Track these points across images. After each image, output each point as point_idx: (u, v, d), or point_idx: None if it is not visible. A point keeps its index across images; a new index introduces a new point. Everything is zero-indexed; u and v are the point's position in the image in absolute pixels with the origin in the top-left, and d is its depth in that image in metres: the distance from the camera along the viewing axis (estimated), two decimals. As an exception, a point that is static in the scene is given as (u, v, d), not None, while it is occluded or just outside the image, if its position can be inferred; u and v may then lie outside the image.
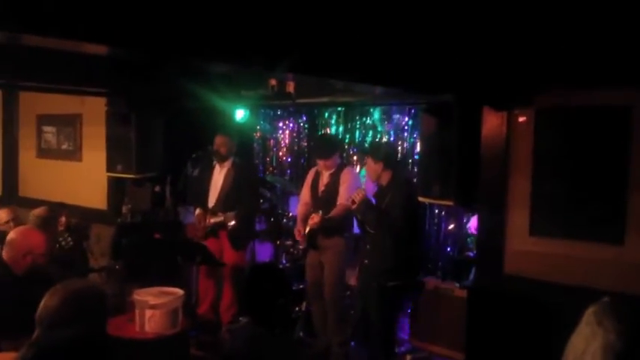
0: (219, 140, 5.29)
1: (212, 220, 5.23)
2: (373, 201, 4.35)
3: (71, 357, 1.57)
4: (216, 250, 5.19)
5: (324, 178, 4.95)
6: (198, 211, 5.38)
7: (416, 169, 5.69)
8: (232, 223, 5.08)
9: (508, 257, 3.79)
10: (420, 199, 4.15)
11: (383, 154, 4.37)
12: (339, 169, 4.90)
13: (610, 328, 1.59)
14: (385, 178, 4.33)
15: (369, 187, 4.67)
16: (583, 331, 1.65)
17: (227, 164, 5.33)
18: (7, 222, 5.43)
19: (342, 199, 4.72)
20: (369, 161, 4.40)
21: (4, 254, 3.31)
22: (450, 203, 4.15)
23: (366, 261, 4.37)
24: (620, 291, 3.19)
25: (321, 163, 4.93)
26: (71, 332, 1.77)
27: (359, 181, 4.91)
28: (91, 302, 2.09)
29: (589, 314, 1.67)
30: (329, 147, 4.98)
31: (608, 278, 3.38)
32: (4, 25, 1.77)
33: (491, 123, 3.79)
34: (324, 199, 4.86)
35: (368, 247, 4.39)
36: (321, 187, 4.94)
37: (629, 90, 3.33)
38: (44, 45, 2.25)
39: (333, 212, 4.69)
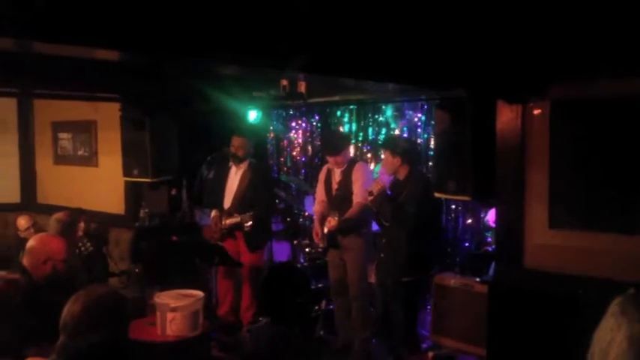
0: (236, 142, 5.28)
1: (228, 222, 5.24)
2: (389, 194, 4.35)
3: None
4: (233, 252, 5.20)
5: (336, 175, 4.93)
6: (214, 213, 5.40)
7: (430, 165, 5.66)
8: (249, 223, 5.08)
9: (528, 251, 3.75)
10: (437, 194, 4.13)
11: (401, 148, 4.35)
12: (351, 165, 4.88)
13: (634, 318, 1.57)
14: (403, 173, 4.32)
15: (384, 180, 4.65)
16: (608, 322, 1.64)
17: (243, 165, 5.34)
18: (28, 229, 5.50)
19: (358, 197, 4.71)
20: (387, 155, 4.39)
21: (25, 261, 3.33)
22: (467, 199, 4.12)
23: (382, 255, 4.37)
24: (642, 282, 3.14)
25: (331, 159, 4.92)
26: (96, 338, 1.79)
27: (372, 177, 4.90)
28: (114, 307, 2.12)
29: (614, 305, 1.65)
30: (338, 143, 4.97)
31: (630, 269, 3.33)
32: (13, 33, 1.78)
33: (506, 117, 3.75)
34: (339, 197, 4.85)
35: (384, 240, 4.39)
36: (334, 185, 4.93)
37: (645, 79, 3.28)
38: (55, 52, 2.26)
39: (349, 212, 4.68)
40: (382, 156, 4.49)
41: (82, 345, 1.64)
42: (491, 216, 5.03)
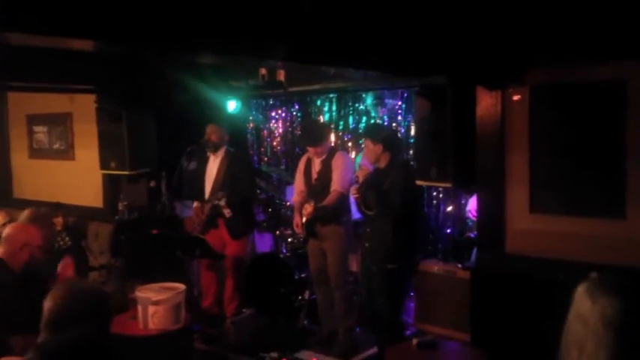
0: (209, 129, 5.29)
1: (206, 208, 5.20)
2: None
3: (76, 359, 1.56)
4: (217, 242, 5.17)
5: (316, 165, 4.90)
6: (195, 204, 5.36)
7: (411, 153, 5.66)
8: (223, 201, 5.04)
9: (509, 236, 3.78)
10: (418, 182, 4.13)
11: (382, 136, 4.34)
12: (331, 154, 4.86)
13: (605, 303, 1.58)
14: (384, 161, 4.31)
15: (368, 167, 4.63)
16: (579, 312, 1.64)
17: (220, 153, 5.31)
18: (4, 225, 5.40)
19: (336, 185, 4.69)
20: (368, 143, 4.36)
21: (1, 251, 3.28)
22: (448, 185, 4.13)
23: (367, 244, 4.36)
24: (623, 265, 3.18)
25: (311, 150, 4.89)
26: (75, 333, 1.76)
27: (352, 166, 4.88)
28: (94, 302, 2.09)
29: (580, 294, 1.66)
30: (318, 133, 4.94)
31: (611, 253, 3.37)
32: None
33: (486, 103, 3.76)
34: (319, 187, 4.83)
35: (368, 230, 4.38)
36: (314, 175, 4.90)
37: (623, 64, 3.30)
38: (30, 43, 2.20)
39: (327, 200, 4.66)
40: (363, 145, 4.46)
41: (62, 341, 1.61)
42: (471, 206, 5.05)
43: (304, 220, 4.74)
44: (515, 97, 3.67)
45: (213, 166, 5.35)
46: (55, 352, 1.57)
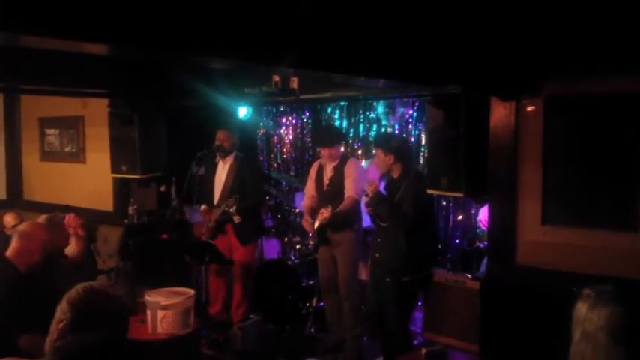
0: (221, 135, 5.31)
1: (215, 214, 5.21)
2: (384, 193, 4.33)
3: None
4: (225, 248, 5.17)
5: (328, 171, 4.92)
6: (203, 207, 5.36)
7: (421, 162, 5.65)
8: (233, 209, 5.05)
9: (520, 247, 3.75)
10: (429, 191, 4.11)
11: (394, 146, 4.32)
12: (343, 161, 4.87)
13: (610, 315, 1.61)
14: (397, 172, 4.29)
15: (376, 179, 4.63)
16: (585, 330, 1.64)
17: (230, 159, 5.33)
18: (14, 226, 5.41)
19: (350, 192, 4.71)
20: (379, 153, 4.35)
21: (11, 252, 3.29)
22: (460, 195, 4.11)
23: (377, 254, 4.34)
24: (635, 278, 3.15)
25: (325, 152, 4.90)
26: (94, 336, 1.77)
27: (364, 173, 4.88)
28: (113, 305, 2.10)
29: (582, 311, 1.65)
30: (333, 136, 4.98)
31: (622, 266, 3.34)
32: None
33: (499, 113, 3.74)
34: (330, 193, 4.83)
35: (379, 239, 4.36)
36: (326, 181, 4.91)
37: (638, 75, 3.27)
38: (43, 46, 2.21)
39: (342, 206, 4.67)
40: (375, 153, 4.45)
41: (77, 344, 1.61)
42: (482, 216, 5.02)
43: (317, 225, 4.73)
44: (530, 108, 3.65)
45: (223, 171, 5.36)
46: (74, 354, 1.59)
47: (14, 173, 7.62)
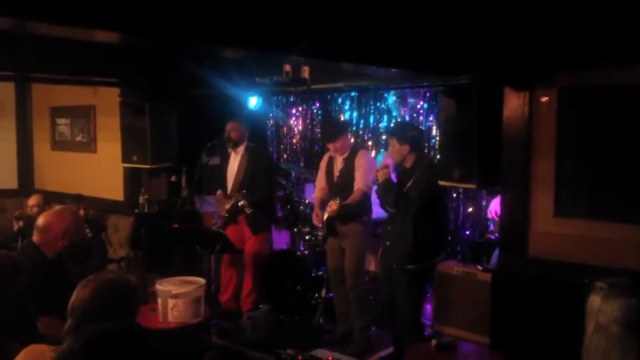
0: (229, 126, 5.32)
1: (227, 206, 5.22)
2: (395, 181, 4.32)
3: (118, 347, 1.60)
4: (237, 238, 5.19)
5: (338, 163, 4.90)
6: (219, 192, 5.38)
7: (432, 153, 5.62)
8: (243, 202, 5.08)
9: (532, 239, 3.73)
10: (441, 183, 4.08)
11: (409, 136, 4.29)
12: (353, 153, 4.85)
13: (623, 307, 1.59)
14: (410, 161, 4.27)
15: (389, 165, 4.60)
16: (598, 322, 1.63)
17: (240, 150, 5.33)
18: (33, 206, 5.44)
19: (359, 184, 4.69)
20: (394, 142, 4.32)
21: (38, 237, 3.33)
22: (472, 187, 4.09)
23: (388, 242, 4.33)
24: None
25: (330, 146, 4.89)
26: (114, 323, 1.82)
27: (375, 165, 4.86)
28: (124, 293, 2.14)
29: (595, 304, 1.64)
30: (335, 129, 4.95)
31: (635, 258, 3.32)
32: (9, 12, 1.73)
33: (513, 104, 3.71)
34: (341, 185, 4.82)
35: (389, 227, 4.35)
36: (336, 173, 4.90)
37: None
38: (54, 34, 2.20)
39: (350, 198, 4.65)
40: (389, 142, 4.42)
41: (96, 330, 1.64)
42: (493, 206, 4.99)
43: (326, 217, 4.73)
44: (543, 99, 3.62)
45: (235, 162, 5.37)
46: (97, 339, 1.62)
47: (25, 162, 7.66)
